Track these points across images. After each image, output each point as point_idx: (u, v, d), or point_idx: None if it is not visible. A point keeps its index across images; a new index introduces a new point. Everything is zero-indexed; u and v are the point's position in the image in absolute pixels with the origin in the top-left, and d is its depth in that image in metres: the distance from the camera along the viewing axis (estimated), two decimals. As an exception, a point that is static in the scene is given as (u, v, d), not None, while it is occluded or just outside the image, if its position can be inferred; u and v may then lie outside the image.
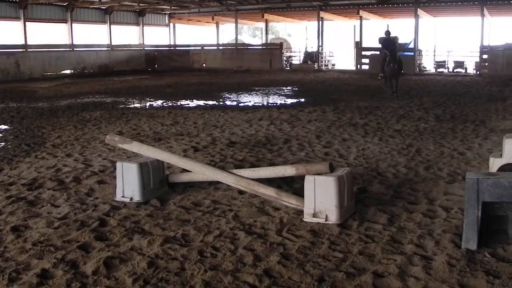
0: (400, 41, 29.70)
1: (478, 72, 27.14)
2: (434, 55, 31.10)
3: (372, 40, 30.34)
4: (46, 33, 29.94)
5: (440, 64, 29.53)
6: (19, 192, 5.96)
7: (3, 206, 5.45)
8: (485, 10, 27.47)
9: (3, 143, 9.12)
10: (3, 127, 11.02)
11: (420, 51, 29.63)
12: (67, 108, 13.99)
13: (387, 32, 16.15)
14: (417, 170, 6.82)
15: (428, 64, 31.04)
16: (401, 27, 32.43)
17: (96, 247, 4.34)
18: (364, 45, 30.80)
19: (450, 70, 28.75)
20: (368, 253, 4.15)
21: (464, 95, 16.34)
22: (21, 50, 26.59)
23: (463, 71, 28.24)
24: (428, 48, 31.56)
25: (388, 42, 15.97)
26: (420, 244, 4.32)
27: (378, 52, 29.13)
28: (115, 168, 6.10)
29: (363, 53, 30.38)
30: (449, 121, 10.85)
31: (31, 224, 4.89)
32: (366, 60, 29.83)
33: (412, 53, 28.54)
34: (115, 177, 5.96)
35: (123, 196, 5.57)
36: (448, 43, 32.71)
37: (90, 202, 5.57)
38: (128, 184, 5.54)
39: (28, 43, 27.16)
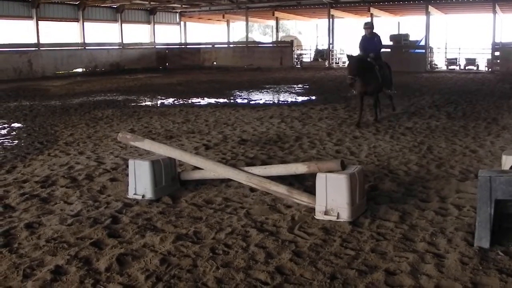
0: (411, 38, 29.69)
1: (490, 70, 26.98)
2: (446, 53, 30.93)
3: (383, 38, 30.33)
4: (58, 32, 30.11)
5: (451, 62, 29.38)
6: (32, 190, 6.01)
7: (17, 203, 5.50)
8: (497, 6, 27.29)
9: (16, 141, 9.20)
10: (17, 125, 11.11)
11: (431, 48, 29.49)
12: (79, 106, 14.07)
13: (367, 26, 11.49)
14: (429, 167, 6.79)
15: (439, 61, 30.89)
16: (412, 25, 32.28)
17: (108, 244, 4.37)
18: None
19: (462, 67, 28.58)
20: (380, 251, 4.15)
21: (476, 92, 16.23)
22: (33, 49, 26.77)
23: (475, 68, 28.08)
24: (439, 46, 31.41)
25: (368, 42, 11.16)
26: (432, 242, 4.31)
27: (389, 50, 29.12)
28: (127, 166, 6.15)
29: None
30: (461, 119, 10.80)
31: (45, 221, 4.93)
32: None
33: (423, 51, 28.42)
34: (127, 175, 6.00)
35: (135, 194, 5.61)
36: (459, 41, 32.50)
37: (103, 200, 5.61)
38: (140, 182, 5.57)
39: (41, 42, 27.33)
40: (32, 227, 4.78)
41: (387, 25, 31.70)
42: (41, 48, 27.05)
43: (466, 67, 28.24)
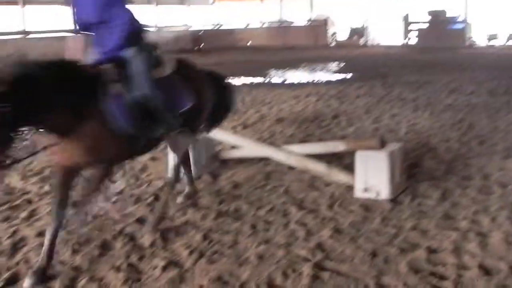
0: (450, 14, 29.01)
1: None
2: (486, 28, 30.08)
3: (420, 14, 29.70)
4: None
5: (492, 37, 28.57)
6: (77, 169, 6.14)
7: (63, 182, 5.64)
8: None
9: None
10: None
11: (470, 24, 28.73)
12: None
13: None
14: (470, 145, 6.69)
15: (479, 37, 30.08)
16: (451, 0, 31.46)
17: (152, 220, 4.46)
18: (411, 19, 30.04)
19: (503, 43, 27.79)
20: (422, 229, 4.13)
21: (518, 68, 15.79)
22: (72, 34, 27.18)
23: (517, 43, 27.28)
24: (479, 21, 30.55)
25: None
26: (475, 220, 4.26)
27: (427, 25, 28.54)
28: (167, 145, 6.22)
29: (411, 27, 29.65)
30: (503, 95, 10.54)
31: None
32: (414, 35, 29.14)
33: (462, 26, 27.74)
34: (167, 154, 6.07)
35: (176, 172, 5.65)
36: (501, 15, 31.56)
37: (145, 178, 5.71)
38: (181, 160, 5.63)
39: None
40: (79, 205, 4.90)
41: (423, 1, 30.92)
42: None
43: (508, 42, 27.45)
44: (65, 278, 3.49)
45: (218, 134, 6.03)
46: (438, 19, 28.44)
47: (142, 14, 31.44)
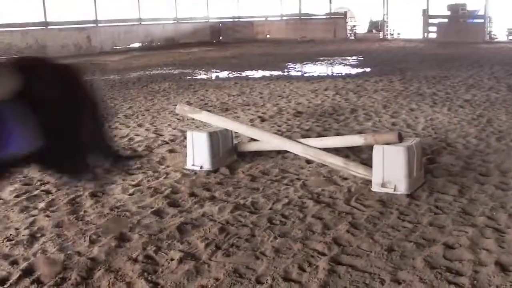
0: (469, 7, 28.64)
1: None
2: (506, 22, 29.63)
3: (440, 8, 29.37)
4: (115, 8, 30.59)
5: (512, 31, 28.15)
6: (95, 160, 6.22)
7: (82, 173, 5.71)
8: None
9: (77, 114, 9.47)
10: (77, 98, 11.43)
11: (490, 18, 28.35)
12: (137, 80, 14.35)
13: None
14: (489, 141, 6.63)
15: (499, 31, 29.67)
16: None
17: (169, 213, 4.52)
18: (431, 12, 29.74)
19: (524, 37, 27.37)
20: (438, 224, 4.12)
21: (539, 63, 15.56)
22: (92, 25, 27.32)
23: (539, 38, 26.85)
24: (500, 15, 30.12)
25: None
26: (492, 217, 4.24)
27: (446, 20, 28.22)
28: (185, 138, 6.28)
29: (430, 21, 29.36)
30: (523, 91, 10.42)
31: (108, 191, 5.12)
32: (434, 29, 28.85)
33: (482, 20, 27.38)
34: (185, 146, 6.13)
35: (193, 165, 5.73)
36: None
37: (162, 170, 5.77)
38: (198, 153, 5.69)
39: (99, 18, 27.87)
40: (97, 196, 4.98)
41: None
42: (99, 25, 27.58)
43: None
44: (82, 269, 3.54)
45: (235, 126, 6.07)
46: (458, 13, 28.11)
47: (161, 6, 31.47)
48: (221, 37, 35.05)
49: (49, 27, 25.34)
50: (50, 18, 25.50)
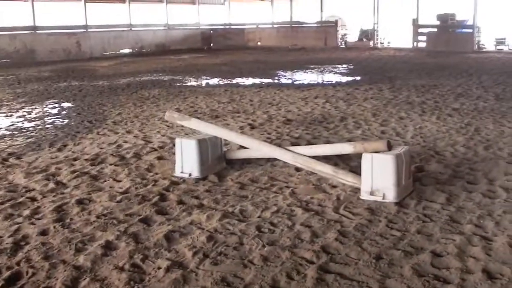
0: (458, 17, 28.86)
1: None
2: (494, 32, 29.88)
3: (429, 17, 29.55)
4: (106, 14, 30.55)
5: (500, 41, 28.39)
6: (82, 167, 6.19)
7: (68, 180, 5.68)
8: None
9: (66, 120, 9.46)
10: (67, 104, 11.40)
11: (478, 28, 28.60)
12: (126, 86, 14.32)
13: None
14: (476, 149, 6.66)
15: (487, 41, 29.92)
16: (460, 3, 31.29)
17: (156, 220, 4.48)
18: (421, 22, 29.95)
19: (511, 47, 27.61)
20: (426, 232, 4.12)
21: (527, 73, 15.70)
22: (81, 30, 27.25)
23: (525, 48, 27.09)
24: (488, 25, 30.36)
25: None
26: (479, 225, 4.25)
27: (435, 29, 28.39)
28: (174, 145, 6.25)
29: (420, 30, 29.57)
30: (509, 100, 10.49)
31: (95, 198, 5.09)
32: (423, 38, 29.05)
33: (471, 30, 27.61)
34: (174, 153, 6.10)
35: (182, 172, 5.71)
36: (509, 20, 31.33)
37: (150, 177, 5.73)
38: (187, 160, 5.66)
39: (88, 23, 27.81)
40: (83, 203, 4.94)
41: (433, 5, 30.82)
42: (89, 30, 27.52)
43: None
44: (67, 278, 3.49)
45: (225, 134, 6.06)
46: (447, 23, 28.34)
47: (152, 12, 31.48)
48: (212, 44, 35.07)
49: (38, 31, 25.24)
50: (39, 22, 25.41)
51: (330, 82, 14.54)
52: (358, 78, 15.41)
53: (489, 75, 15.18)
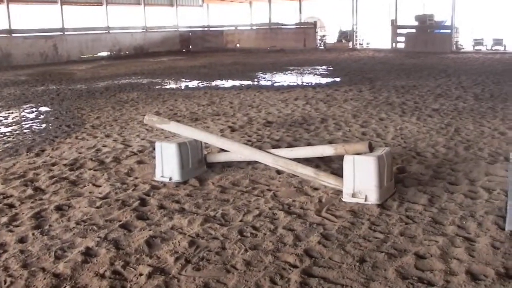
0: (437, 18, 29.17)
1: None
2: (472, 33, 30.30)
3: (408, 18, 29.82)
4: (83, 16, 30.27)
5: (478, 42, 28.77)
6: (61, 172, 6.09)
7: (47, 186, 5.58)
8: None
9: (44, 125, 9.31)
10: (44, 109, 11.24)
11: (457, 28, 28.93)
12: (104, 89, 14.17)
13: None
14: (457, 150, 6.70)
15: (465, 42, 30.32)
16: (438, 4, 31.64)
17: (137, 226, 4.41)
18: (399, 23, 30.21)
19: (489, 48, 28.00)
20: (409, 234, 4.11)
21: (503, 73, 15.90)
22: (58, 33, 26.94)
23: (502, 48, 27.48)
24: (466, 26, 30.78)
25: None
26: (462, 226, 4.25)
27: (414, 30, 28.66)
28: (153, 148, 6.18)
29: (399, 31, 29.82)
30: (488, 100, 10.60)
31: (74, 204, 5.00)
32: (402, 39, 29.30)
33: (449, 31, 27.92)
34: (154, 157, 6.03)
35: (162, 176, 5.64)
36: (486, 20, 31.81)
37: (130, 182, 5.65)
38: (167, 164, 5.60)
39: (65, 26, 27.51)
40: (62, 210, 4.85)
41: (412, 5, 31.14)
42: (66, 33, 27.22)
43: (493, 48, 27.66)
44: (47, 286, 3.41)
45: (205, 137, 6.01)
46: (426, 24, 28.62)
47: (130, 15, 31.26)
48: (190, 46, 34.97)
49: (13, 35, 24.88)
50: (15, 25, 25.05)
51: (310, 84, 14.55)
52: (337, 79, 15.46)
53: (468, 75, 15.34)
